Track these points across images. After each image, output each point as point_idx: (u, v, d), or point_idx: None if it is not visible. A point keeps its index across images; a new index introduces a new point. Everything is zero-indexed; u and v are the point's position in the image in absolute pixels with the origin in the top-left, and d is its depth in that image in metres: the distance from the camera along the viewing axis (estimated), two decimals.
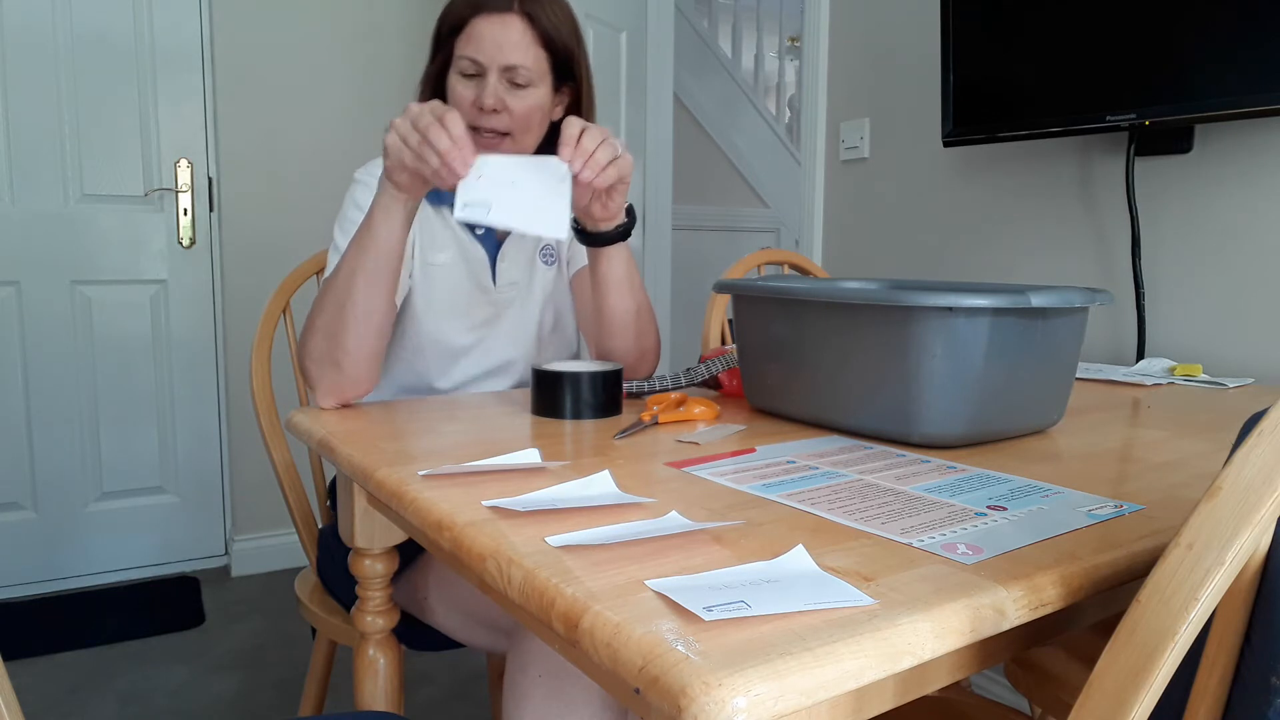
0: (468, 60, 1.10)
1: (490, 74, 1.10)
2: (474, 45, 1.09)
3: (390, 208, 0.98)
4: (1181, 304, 1.57)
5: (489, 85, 1.10)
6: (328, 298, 1.00)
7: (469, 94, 1.11)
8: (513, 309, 1.25)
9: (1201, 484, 0.72)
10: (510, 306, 1.25)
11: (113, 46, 2.38)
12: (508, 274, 1.24)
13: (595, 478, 0.70)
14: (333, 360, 0.99)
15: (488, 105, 1.09)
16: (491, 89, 1.10)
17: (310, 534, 1.33)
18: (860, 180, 2.20)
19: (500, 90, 1.10)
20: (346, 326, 0.99)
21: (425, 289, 1.20)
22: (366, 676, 0.96)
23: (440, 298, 1.21)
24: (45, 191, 2.35)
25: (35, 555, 2.42)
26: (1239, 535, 0.40)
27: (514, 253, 1.24)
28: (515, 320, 1.26)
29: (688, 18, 4.02)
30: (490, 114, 1.11)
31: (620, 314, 1.12)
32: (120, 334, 2.47)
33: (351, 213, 1.17)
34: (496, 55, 1.09)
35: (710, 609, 0.44)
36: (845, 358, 0.87)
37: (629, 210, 1.07)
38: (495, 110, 1.10)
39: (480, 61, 1.09)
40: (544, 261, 1.27)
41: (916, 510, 0.63)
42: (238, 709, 1.83)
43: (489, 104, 1.09)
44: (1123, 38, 1.48)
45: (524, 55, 1.10)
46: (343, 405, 1.02)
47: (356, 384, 1.01)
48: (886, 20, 2.10)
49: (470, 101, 1.11)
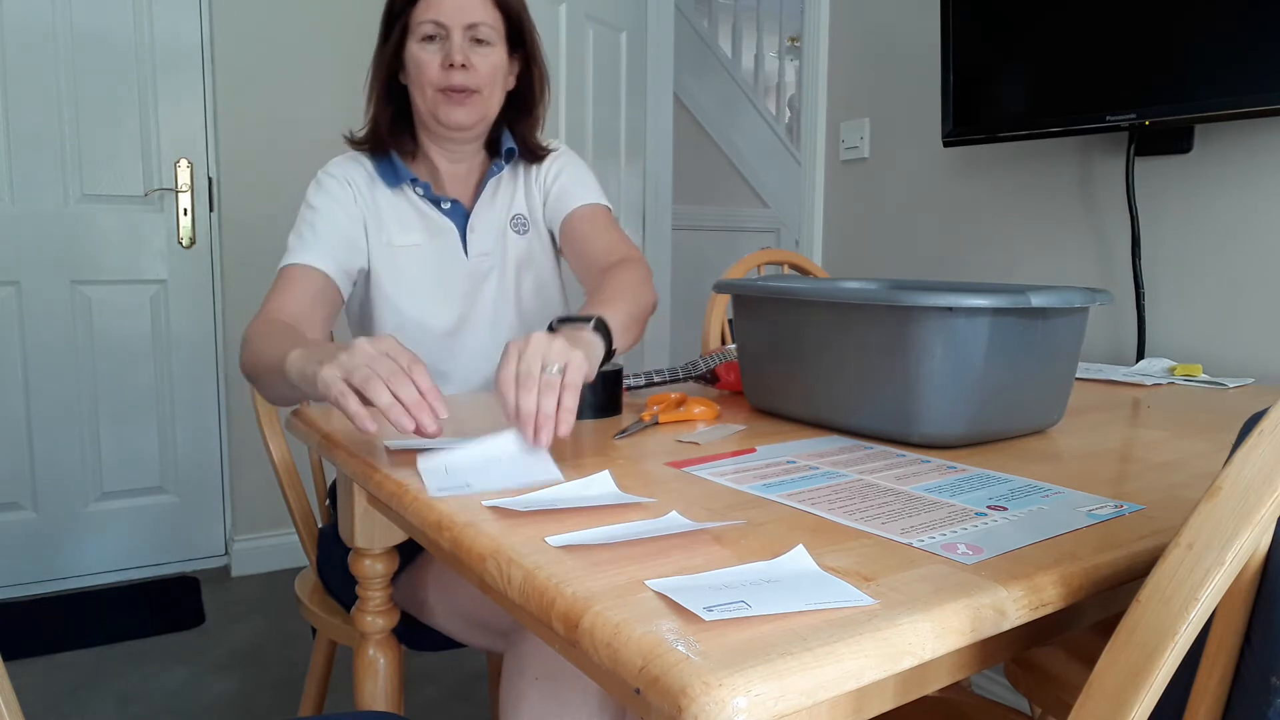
0: (430, 23, 1.14)
1: (454, 33, 1.14)
2: (435, 9, 1.14)
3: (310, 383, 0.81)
4: (1181, 304, 1.57)
5: (455, 43, 1.14)
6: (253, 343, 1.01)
7: (435, 58, 1.15)
8: (489, 280, 1.26)
9: (1201, 484, 0.72)
10: (486, 278, 1.26)
11: (113, 46, 2.38)
12: (479, 244, 1.25)
13: (595, 478, 0.70)
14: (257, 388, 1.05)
15: (457, 61, 1.14)
16: (458, 45, 1.14)
17: (310, 534, 1.33)
18: (860, 180, 2.20)
19: (465, 48, 1.15)
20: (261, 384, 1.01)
21: (393, 271, 1.22)
22: (366, 676, 0.96)
23: (411, 278, 1.22)
24: (45, 191, 2.35)
25: (35, 555, 2.42)
26: (1239, 535, 0.40)
27: (484, 224, 1.26)
28: (494, 291, 1.27)
29: (688, 18, 4.02)
30: (460, 70, 1.15)
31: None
32: (120, 334, 2.47)
33: (305, 212, 1.21)
34: (458, 15, 1.14)
35: (710, 609, 0.44)
36: (845, 358, 0.87)
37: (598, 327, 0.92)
38: (464, 66, 1.15)
39: (443, 23, 1.14)
40: (515, 231, 1.29)
41: (917, 510, 0.63)
42: (238, 709, 1.83)
43: (458, 59, 1.14)
44: (1123, 38, 1.48)
45: (484, 14, 1.16)
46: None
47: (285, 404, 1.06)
48: (886, 20, 2.10)
49: (438, 63, 1.15)
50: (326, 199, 1.21)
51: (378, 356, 0.76)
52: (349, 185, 1.22)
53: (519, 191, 1.30)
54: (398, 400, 0.73)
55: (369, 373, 0.74)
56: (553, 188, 1.30)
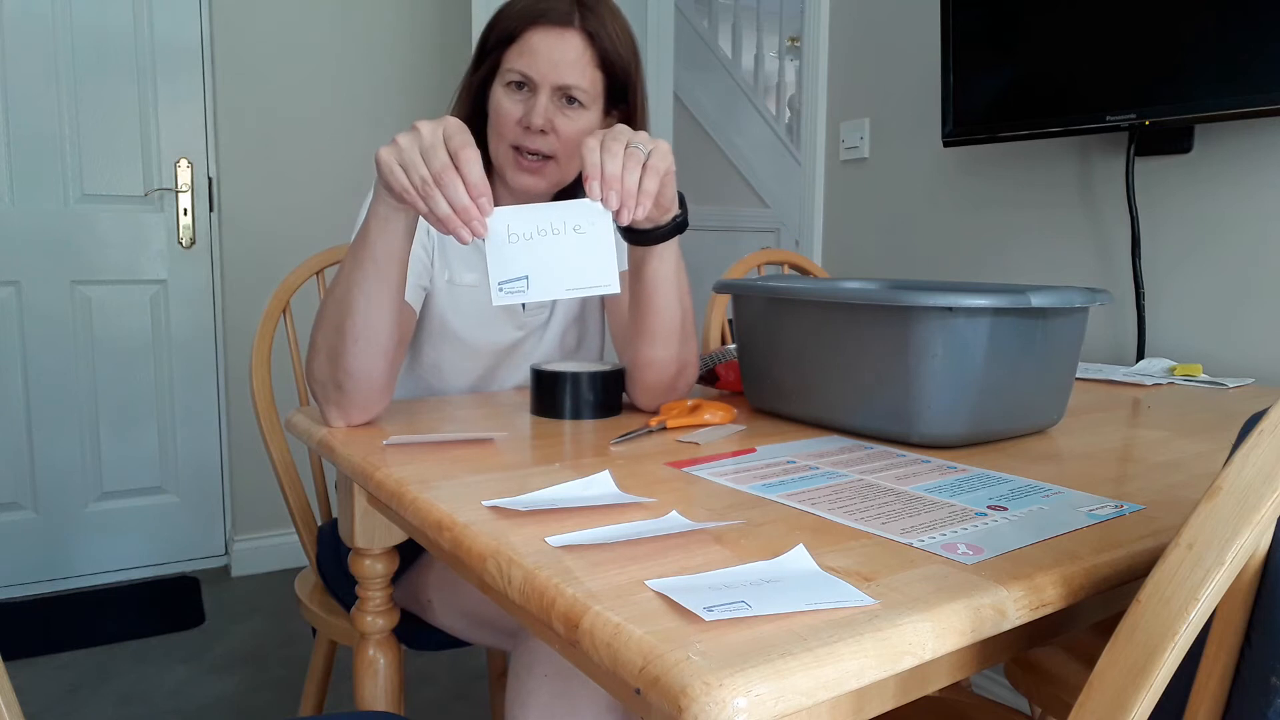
0: (518, 74, 1.03)
1: (541, 92, 1.03)
2: (527, 59, 1.02)
3: (388, 218, 0.85)
4: (1181, 304, 1.57)
5: (539, 104, 1.02)
6: (327, 314, 0.90)
7: (515, 110, 1.04)
8: (534, 334, 1.21)
9: (1201, 484, 0.72)
10: (533, 332, 1.21)
11: (113, 46, 2.38)
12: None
13: (595, 478, 0.70)
14: (336, 383, 0.89)
15: (536, 125, 1.02)
16: (541, 108, 1.02)
17: (310, 534, 1.33)
18: (860, 180, 2.20)
19: (550, 110, 1.03)
20: (347, 348, 0.88)
21: (448, 307, 1.15)
22: (366, 676, 0.96)
23: (465, 315, 1.15)
24: (45, 191, 2.35)
25: (35, 555, 2.42)
26: (1239, 535, 0.40)
27: None
28: (536, 342, 1.22)
29: (688, 18, 4.02)
30: (537, 135, 1.04)
31: (668, 319, 0.97)
32: (120, 334, 2.47)
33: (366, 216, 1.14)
34: (550, 73, 1.02)
35: (710, 609, 0.44)
36: (845, 358, 0.87)
37: (680, 199, 0.92)
38: (543, 131, 1.03)
39: (532, 77, 1.02)
40: None
41: (917, 510, 0.63)
42: (238, 709, 1.83)
43: (538, 124, 1.02)
44: (1123, 38, 1.48)
45: (580, 75, 1.03)
46: (354, 426, 0.93)
47: (365, 408, 0.91)
48: (886, 20, 2.10)
49: (516, 119, 1.04)
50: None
51: (432, 145, 0.77)
52: None
53: None
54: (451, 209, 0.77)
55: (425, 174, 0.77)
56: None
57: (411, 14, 2.69)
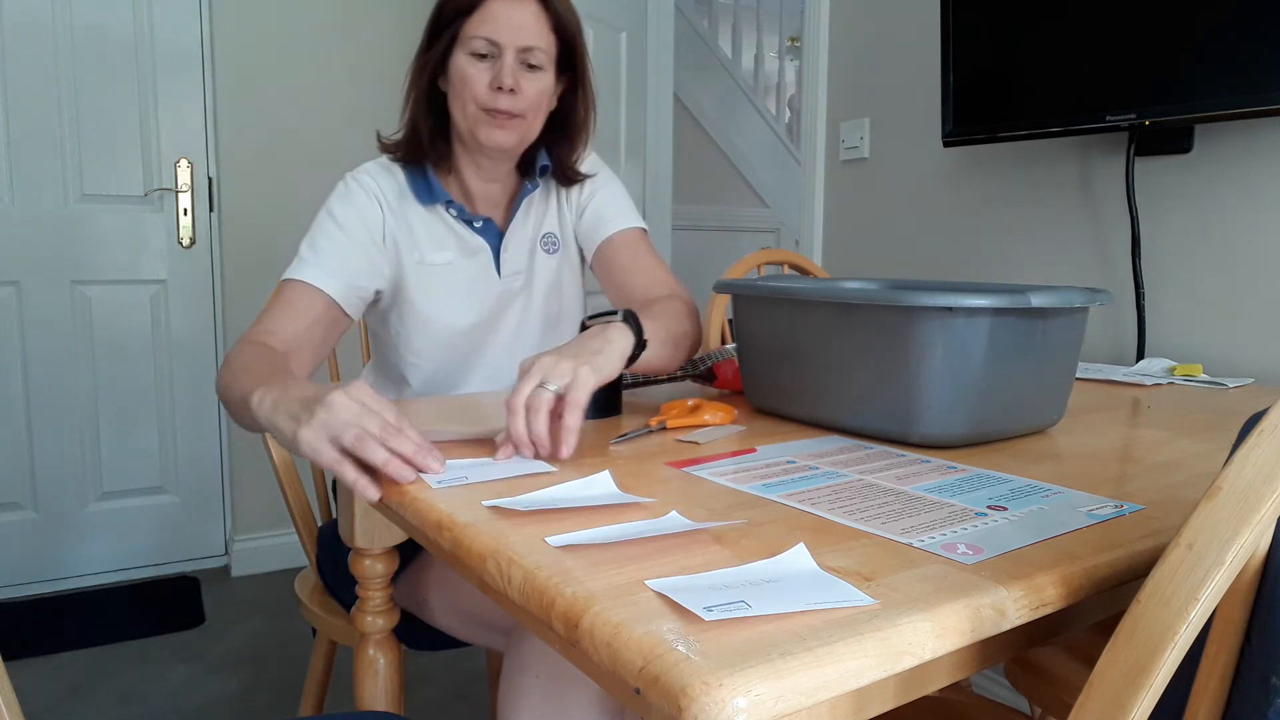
0: (483, 40, 1.09)
1: (507, 54, 1.10)
2: (490, 25, 1.09)
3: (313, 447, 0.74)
4: (1181, 304, 1.57)
5: (506, 65, 1.10)
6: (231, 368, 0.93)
7: (483, 75, 1.10)
8: (518, 299, 1.25)
9: (1201, 484, 0.72)
10: (516, 296, 1.25)
11: (113, 46, 2.38)
12: (511, 263, 1.23)
13: (595, 478, 0.70)
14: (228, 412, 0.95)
15: (507, 85, 1.09)
16: (509, 69, 1.10)
17: (310, 534, 1.33)
18: (860, 180, 2.20)
19: (516, 71, 1.11)
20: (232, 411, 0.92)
21: (425, 288, 1.19)
22: (366, 676, 0.96)
23: (443, 293, 1.20)
24: (45, 191, 2.35)
25: (35, 555, 2.42)
26: (1239, 535, 0.40)
27: (517, 243, 1.24)
28: (520, 308, 1.25)
29: (688, 18, 4.02)
30: (507, 94, 1.10)
31: (664, 366, 1.06)
32: (120, 334, 2.47)
33: (325, 220, 1.15)
34: (514, 36, 1.09)
35: (710, 609, 0.44)
36: (845, 358, 0.87)
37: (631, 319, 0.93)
38: (513, 90, 1.10)
39: (497, 42, 1.09)
40: (545, 250, 1.27)
41: (917, 510, 0.63)
42: (238, 709, 1.83)
43: (508, 83, 1.09)
44: (1123, 38, 1.48)
45: (539, 38, 1.11)
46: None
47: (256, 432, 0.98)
48: (886, 20, 2.10)
49: (486, 83, 1.10)
50: (351, 212, 1.15)
51: (363, 412, 0.72)
52: (378, 200, 1.17)
53: (550, 210, 1.28)
54: (395, 454, 0.71)
55: (359, 432, 0.70)
56: (588, 206, 1.28)
57: (411, 14, 2.69)
